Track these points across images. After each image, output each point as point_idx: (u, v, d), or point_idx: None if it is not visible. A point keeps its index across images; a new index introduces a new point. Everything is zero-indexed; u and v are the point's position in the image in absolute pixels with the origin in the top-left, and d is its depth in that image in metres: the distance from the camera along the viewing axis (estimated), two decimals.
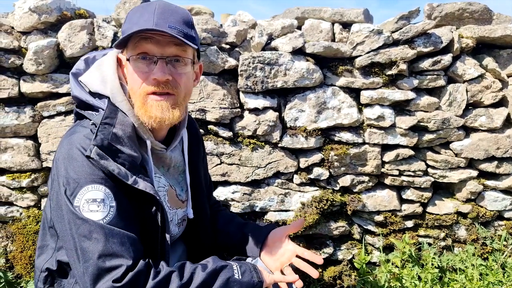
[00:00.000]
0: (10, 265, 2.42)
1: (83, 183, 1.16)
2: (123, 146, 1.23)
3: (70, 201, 1.16)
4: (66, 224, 1.17)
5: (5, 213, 2.39)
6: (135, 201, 1.24)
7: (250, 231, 1.63)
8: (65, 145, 1.23)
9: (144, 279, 1.14)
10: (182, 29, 1.23)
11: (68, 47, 2.24)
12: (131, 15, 1.27)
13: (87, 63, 1.43)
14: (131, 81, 1.27)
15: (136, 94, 1.26)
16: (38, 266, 1.39)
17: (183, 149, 1.54)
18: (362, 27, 2.32)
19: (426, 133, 2.47)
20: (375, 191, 2.55)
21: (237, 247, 1.64)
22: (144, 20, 1.20)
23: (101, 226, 1.13)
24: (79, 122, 1.34)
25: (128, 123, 1.28)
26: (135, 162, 1.24)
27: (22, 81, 2.26)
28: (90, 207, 1.15)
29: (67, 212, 1.16)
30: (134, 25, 1.21)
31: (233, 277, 1.24)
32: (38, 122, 2.33)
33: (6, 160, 2.32)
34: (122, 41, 1.22)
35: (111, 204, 1.17)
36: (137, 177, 1.22)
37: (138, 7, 1.28)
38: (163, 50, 1.22)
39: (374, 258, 2.59)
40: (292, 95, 2.39)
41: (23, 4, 2.22)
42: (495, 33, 2.39)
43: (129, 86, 1.29)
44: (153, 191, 1.24)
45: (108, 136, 1.20)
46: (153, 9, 1.22)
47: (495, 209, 2.57)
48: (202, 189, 1.66)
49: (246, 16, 2.53)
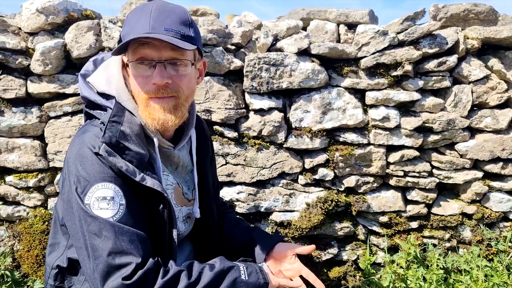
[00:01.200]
0: (17, 264, 2.44)
1: (93, 181, 1.18)
2: (131, 143, 1.24)
3: (81, 199, 1.17)
4: (76, 221, 1.19)
5: (12, 213, 2.41)
6: (143, 198, 1.26)
7: (257, 237, 1.64)
8: (76, 144, 1.25)
9: (154, 278, 1.15)
10: (179, 30, 1.23)
11: (75, 48, 2.25)
12: (130, 18, 1.28)
13: (95, 64, 1.45)
14: (133, 85, 1.29)
15: (138, 97, 1.29)
16: (49, 263, 1.41)
17: (191, 149, 1.55)
18: (367, 28, 2.33)
19: (431, 134, 2.47)
20: (380, 192, 2.55)
21: (242, 250, 1.65)
22: (140, 25, 1.20)
23: (111, 223, 1.15)
24: (89, 121, 1.36)
25: (136, 121, 1.30)
26: (143, 159, 1.25)
27: (29, 82, 2.28)
28: (100, 205, 1.16)
29: (78, 209, 1.18)
30: (131, 30, 1.22)
31: (240, 278, 1.25)
32: (45, 122, 2.35)
33: (13, 160, 2.34)
34: (120, 48, 1.22)
35: (120, 202, 1.18)
36: (144, 174, 1.23)
37: (136, 9, 1.29)
38: (161, 54, 1.23)
39: (379, 259, 2.60)
40: (297, 96, 2.39)
41: (31, 5, 2.24)
42: (500, 34, 2.39)
43: (132, 89, 1.31)
44: (161, 188, 1.25)
45: (116, 133, 1.22)
46: (149, 11, 1.22)
47: (500, 210, 2.57)
48: (209, 190, 1.67)
49: (252, 17, 2.54)
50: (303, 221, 2.45)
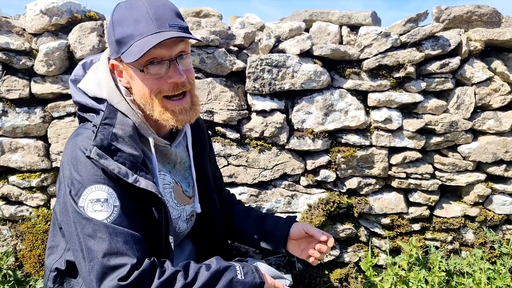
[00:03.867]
0: (20, 263, 2.45)
1: (86, 184, 1.18)
2: (123, 145, 1.24)
3: (75, 201, 1.18)
4: (71, 224, 1.19)
5: (15, 212, 2.42)
6: (138, 200, 1.26)
7: (269, 228, 1.67)
8: (69, 147, 1.26)
9: (150, 278, 1.15)
10: (179, 23, 1.23)
11: (78, 49, 2.27)
12: (122, 17, 1.23)
13: (84, 68, 1.45)
14: (142, 88, 1.26)
15: (151, 99, 1.26)
16: (48, 265, 1.41)
17: (187, 144, 1.56)
18: (369, 29, 2.33)
19: (433, 136, 2.47)
20: (382, 194, 2.55)
21: (256, 243, 1.70)
22: (143, 25, 1.19)
23: (105, 225, 1.15)
24: (82, 124, 1.38)
25: (128, 122, 1.29)
26: (136, 161, 1.25)
27: (33, 82, 2.30)
28: (94, 207, 1.17)
29: (72, 212, 1.18)
30: (134, 31, 1.19)
31: (236, 278, 1.26)
32: (48, 122, 2.36)
33: (17, 160, 2.35)
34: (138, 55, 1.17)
35: (114, 204, 1.19)
36: (138, 176, 1.23)
37: (126, 6, 1.24)
38: (171, 52, 1.23)
39: (380, 261, 2.59)
40: (300, 97, 2.40)
41: (35, 7, 2.25)
42: (504, 36, 2.38)
43: (139, 93, 1.28)
44: (155, 189, 1.25)
45: (108, 136, 1.22)
46: (144, 9, 1.20)
47: (503, 213, 2.56)
48: (209, 183, 1.67)
49: (254, 18, 2.54)
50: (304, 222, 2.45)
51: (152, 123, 1.36)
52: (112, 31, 1.25)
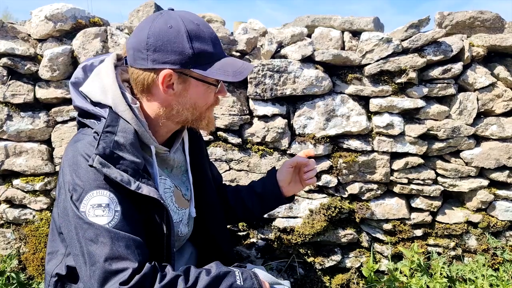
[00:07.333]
0: (23, 266, 2.48)
1: (88, 189, 1.19)
2: (125, 153, 1.25)
3: (76, 206, 1.19)
4: (72, 229, 1.20)
5: (18, 216, 2.44)
6: (140, 205, 1.27)
7: (260, 190, 1.76)
8: (69, 152, 1.26)
9: (151, 282, 1.16)
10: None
11: (82, 54, 2.29)
12: (201, 35, 1.29)
13: (85, 71, 1.43)
14: (199, 100, 1.36)
15: (205, 111, 1.40)
16: (48, 271, 1.42)
17: (184, 148, 1.58)
18: (371, 35, 2.33)
19: (435, 141, 2.46)
20: (384, 199, 2.54)
21: (258, 211, 1.79)
22: (220, 47, 1.35)
23: (107, 230, 1.16)
24: (81, 129, 1.37)
25: (130, 130, 1.30)
26: (137, 167, 1.26)
27: (37, 87, 2.33)
28: (96, 212, 1.18)
29: (74, 217, 1.19)
30: (214, 51, 1.31)
31: (235, 283, 1.26)
32: (52, 127, 2.39)
33: (21, 163, 2.38)
34: (232, 75, 1.30)
35: (116, 209, 1.20)
36: (140, 183, 1.24)
37: (195, 25, 1.29)
38: None
39: (382, 267, 2.58)
40: (301, 103, 2.40)
41: (40, 13, 2.28)
42: (506, 41, 2.37)
43: (192, 103, 1.35)
44: (157, 195, 1.26)
45: (110, 144, 1.22)
46: (210, 31, 1.33)
47: (506, 219, 2.54)
48: (210, 185, 1.68)
49: (257, 24, 2.56)
50: (306, 227, 2.45)
51: (153, 131, 1.37)
52: (189, 43, 1.26)
